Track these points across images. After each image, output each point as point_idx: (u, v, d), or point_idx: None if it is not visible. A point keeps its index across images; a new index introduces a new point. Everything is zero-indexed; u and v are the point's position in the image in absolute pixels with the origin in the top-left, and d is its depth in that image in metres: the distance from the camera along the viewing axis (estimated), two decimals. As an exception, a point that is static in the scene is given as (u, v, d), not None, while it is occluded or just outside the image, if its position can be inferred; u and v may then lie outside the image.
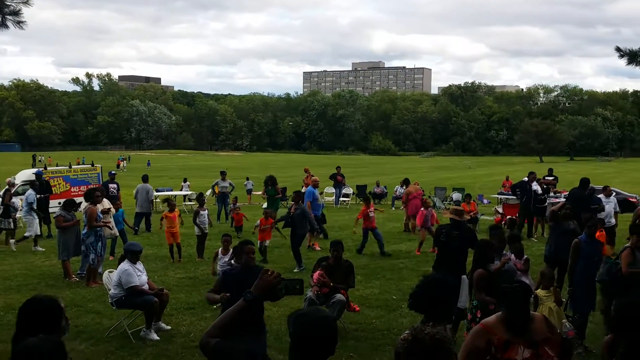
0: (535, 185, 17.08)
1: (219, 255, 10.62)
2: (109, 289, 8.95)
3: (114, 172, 21.84)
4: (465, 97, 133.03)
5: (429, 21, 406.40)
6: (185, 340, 8.38)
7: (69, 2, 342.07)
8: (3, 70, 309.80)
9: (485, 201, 28.21)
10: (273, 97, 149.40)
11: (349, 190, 28.19)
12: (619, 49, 10.10)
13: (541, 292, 7.77)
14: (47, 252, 15.17)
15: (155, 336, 8.46)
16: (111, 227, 13.15)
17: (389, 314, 9.73)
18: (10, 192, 17.10)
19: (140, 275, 8.76)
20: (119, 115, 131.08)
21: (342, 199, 27.29)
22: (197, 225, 14.54)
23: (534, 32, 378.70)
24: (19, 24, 8.80)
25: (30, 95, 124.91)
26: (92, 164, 28.57)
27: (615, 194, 16.84)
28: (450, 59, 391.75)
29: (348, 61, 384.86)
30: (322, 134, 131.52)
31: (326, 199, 27.19)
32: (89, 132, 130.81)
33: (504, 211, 19.67)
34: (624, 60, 10.00)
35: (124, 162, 63.90)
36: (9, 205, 16.30)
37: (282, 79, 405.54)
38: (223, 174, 22.18)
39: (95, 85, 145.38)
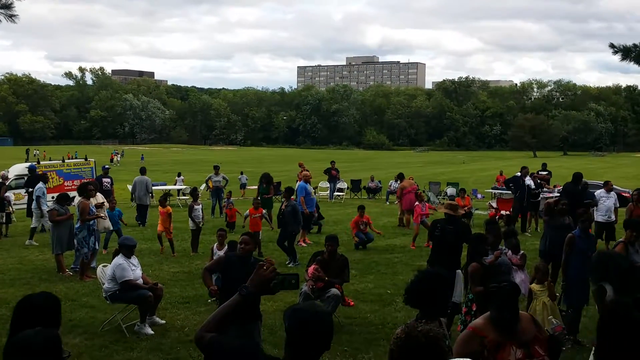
0: (529, 179, 17.12)
1: (214, 250, 10.62)
2: (103, 283, 8.94)
3: (107, 167, 21.79)
4: (459, 92, 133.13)
5: (423, 16, 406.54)
6: (180, 334, 8.38)
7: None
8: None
9: (479, 196, 28.30)
10: (267, 92, 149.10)
11: (343, 184, 28.21)
12: (613, 45, 10.14)
13: (535, 286, 7.80)
14: (40, 246, 15.12)
15: (150, 330, 8.46)
16: (104, 218, 13.08)
17: (384, 308, 9.76)
18: (5, 185, 17.02)
19: (134, 269, 8.75)
20: (112, 110, 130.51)
21: (336, 193, 27.31)
22: (191, 220, 14.53)
23: (527, 26, 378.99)
24: (11, 17, 8.73)
25: (23, 89, 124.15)
26: (85, 158, 28.45)
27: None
28: (444, 53, 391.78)
29: (342, 56, 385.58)
30: (316, 129, 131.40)
31: (320, 193, 27.22)
32: (82, 126, 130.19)
33: (498, 206, 19.73)
34: (617, 56, 10.04)
35: (118, 156, 63.71)
36: (3, 199, 16.23)
37: (276, 74, 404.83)
38: (216, 169, 22.15)
39: (88, 79, 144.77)
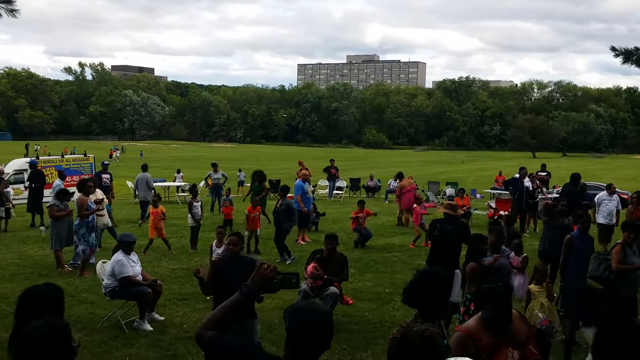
0: (527, 181, 17.17)
1: (213, 247, 10.63)
2: (103, 279, 8.96)
3: (106, 163, 21.78)
4: (460, 91, 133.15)
5: (423, 15, 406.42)
6: (179, 331, 8.40)
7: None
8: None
9: (478, 196, 28.33)
10: (267, 89, 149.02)
11: (342, 183, 28.22)
12: (614, 48, 10.17)
13: (534, 287, 7.83)
14: (40, 241, 15.13)
15: (149, 327, 8.48)
16: (102, 214, 13.07)
17: (382, 307, 9.79)
18: (4, 180, 17.03)
19: (134, 266, 8.78)
20: (112, 105, 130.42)
21: (335, 192, 27.33)
22: (191, 217, 14.54)
23: (528, 27, 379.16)
24: (12, 12, 8.75)
25: (22, 84, 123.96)
26: (84, 154, 28.45)
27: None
28: (445, 53, 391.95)
29: (342, 54, 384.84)
30: (315, 127, 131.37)
31: (320, 191, 27.24)
32: (81, 121, 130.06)
33: (497, 206, 19.77)
34: (619, 59, 10.07)
35: (117, 152, 63.65)
36: (2, 194, 16.24)
37: (276, 71, 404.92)
38: (215, 166, 22.13)
39: (88, 74, 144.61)
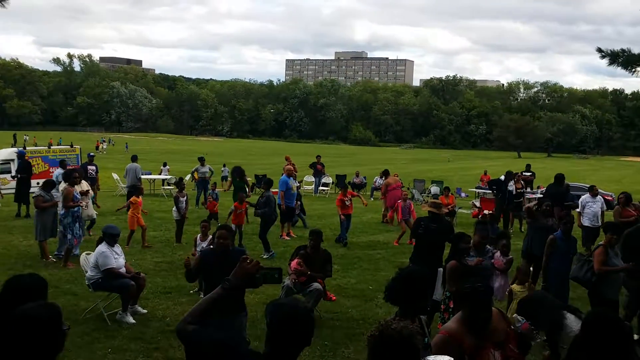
0: (511, 185, 17.34)
1: (197, 241, 10.61)
2: (86, 271, 8.93)
3: (92, 154, 21.69)
4: (447, 90, 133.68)
5: (412, 13, 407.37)
6: (161, 324, 8.39)
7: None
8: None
9: (463, 194, 28.51)
10: (255, 84, 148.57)
11: (328, 179, 28.25)
12: (600, 50, 10.22)
13: (516, 287, 7.90)
14: (24, 232, 15.02)
15: (131, 319, 8.46)
16: (85, 207, 12.99)
17: (365, 304, 9.83)
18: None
19: (117, 258, 8.75)
20: (99, 97, 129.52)
21: (321, 188, 27.35)
22: (176, 210, 14.51)
23: (515, 27, 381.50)
24: (1, 2, 8.65)
25: (10, 74, 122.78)
26: (71, 145, 28.25)
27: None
28: (432, 51, 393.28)
29: (331, 50, 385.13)
30: (302, 123, 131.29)
31: (305, 187, 27.25)
32: (69, 112, 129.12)
33: (481, 205, 19.89)
34: (605, 60, 10.12)
35: (104, 143, 63.23)
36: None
37: (264, 66, 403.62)
38: (202, 160, 22.08)
39: (76, 66, 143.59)
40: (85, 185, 13.57)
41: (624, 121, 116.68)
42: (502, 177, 17.88)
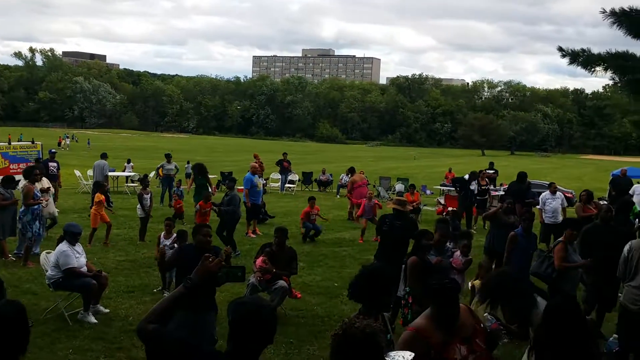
0: (474, 185, 17.62)
1: (161, 239, 10.51)
2: (46, 270, 8.75)
3: (54, 151, 21.28)
4: (412, 88, 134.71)
5: (379, 11, 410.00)
6: (124, 324, 8.28)
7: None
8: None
9: (428, 192, 28.79)
10: (221, 80, 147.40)
11: (294, 176, 28.24)
12: (561, 49, 10.38)
13: (478, 283, 8.01)
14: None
15: (93, 319, 8.33)
16: (45, 205, 12.72)
17: (330, 301, 9.86)
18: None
19: (78, 257, 8.59)
20: (62, 92, 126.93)
21: (287, 185, 27.32)
22: (141, 208, 14.33)
23: (480, 27, 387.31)
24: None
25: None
26: (32, 142, 27.63)
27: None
28: (399, 50, 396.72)
29: (298, 47, 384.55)
30: (269, 120, 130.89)
31: (272, 185, 27.18)
32: (30, 108, 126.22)
33: (446, 202, 20.13)
34: (565, 59, 10.29)
35: (67, 140, 61.97)
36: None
37: (230, 62, 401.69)
38: (168, 157, 21.84)
39: (39, 60, 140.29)
40: (46, 182, 13.30)
41: (584, 120, 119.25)
42: (466, 176, 18.14)
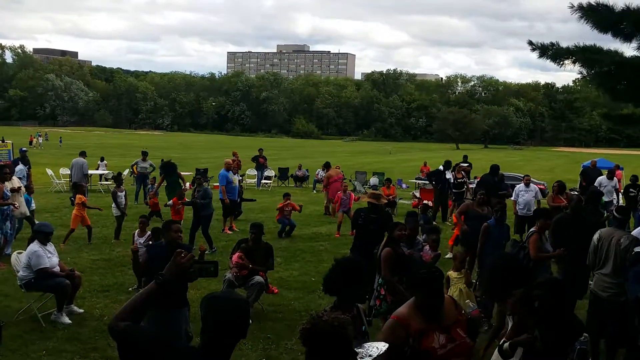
0: (449, 174, 17.76)
1: (135, 237, 10.42)
2: (18, 271, 8.62)
3: (25, 149, 20.95)
4: (387, 83, 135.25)
5: (353, 7, 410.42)
6: (99, 323, 8.19)
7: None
8: None
9: (404, 186, 28.94)
10: (196, 77, 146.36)
11: (270, 172, 28.19)
12: (531, 43, 10.52)
13: (453, 273, 8.10)
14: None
15: (67, 320, 8.23)
16: (16, 207, 12.52)
17: (307, 296, 9.89)
18: None
19: (50, 257, 8.47)
20: (33, 90, 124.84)
21: (263, 181, 27.27)
22: (115, 206, 14.18)
23: (452, 22, 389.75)
24: None
25: None
26: (2, 140, 27.16)
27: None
28: (373, 45, 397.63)
29: (273, 43, 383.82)
30: (245, 116, 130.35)
31: (248, 181, 27.10)
32: (0, 106, 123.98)
33: (421, 196, 20.27)
34: (535, 53, 10.43)
35: (40, 139, 60.95)
36: None
37: (204, 58, 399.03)
38: (144, 155, 21.63)
39: (8, 57, 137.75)
40: (16, 182, 13.06)
41: (556, 113, 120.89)
42: (441, 167, 18.27)
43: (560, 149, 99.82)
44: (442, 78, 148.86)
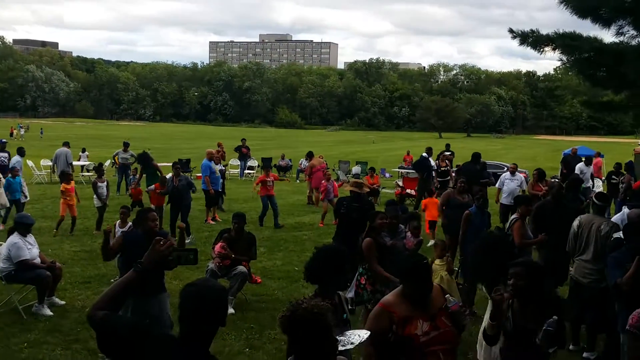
0: (433, 162, 17.85)
1: (116, 227, 10.35)
2: (-3, 263, 8.53)
3: (4, 141, 20.72)
4: (370, 73, 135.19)
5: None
6: (80, 315, 8.13)
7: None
8: None
9: (387, 175, 29.03)
10: (178, 67, 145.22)
11: (254, 162, 28.11)
12: (512, 31, 10.58)
13: (435, 261, 8.14)
14: None
15: (48, 311, 8.18)
16: None
17: (291, 285, 9.89)
18: None
19: (30, 248, 8.39)
20: (13, 81, 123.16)
21: (247, 171, 27.21)
22: (97, 197, 14.07)
23: (434, 11, 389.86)
24: None
25: None
26: (-21, 132, 26.77)
27: (507, 168, 17.71)
28: (356, 34, 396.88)
29: (255, 32, 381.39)
30: (228, 106, 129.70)
31: (231, 171, 27.01)
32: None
33: (404, 184, 20.32)
34: (516, 41, 10.49)
35: (21, 130, 60.13)
36: None
37: (187, 48, 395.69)
38: (126, 145, 21.47)
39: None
40: (-5, 173, 12.94)
41: (537, 102, 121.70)
42: (424, 154, 18.31)
43: (542, 137, 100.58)
44: (424, 67, 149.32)
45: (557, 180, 14.50)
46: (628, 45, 8.89)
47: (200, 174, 16.37)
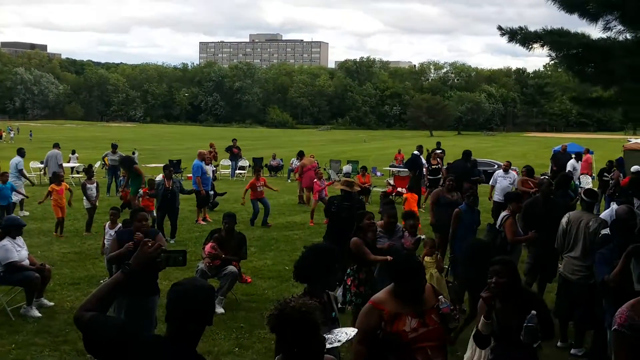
0: (424, 160, 17.91)
1: (106, 229, 10.29)
2: (-14, 266, 8.47)
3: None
4: (361, 71, 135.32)
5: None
6: (69, 316, 8.06)
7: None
8: None
9: (379, 174, 29.04)
10: (168, 67, 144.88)
11: (245, 162, 28.07)
12: (500, 28, 10.57)
13: (426, 258, 8.14)
14: None
15: (37, 313, 8.14)
16: None
17: (281, 285, 9.87)
18: None
19: (19, 250, 8.34)
20: (2, 84, 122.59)
21: (238, 171, 27.17)
22: (86, 199, 14.00)
23: (424, 9, 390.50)
24: None
25: None
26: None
27: (497, 166, 17.79)
28: (347, 33, 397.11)
29: (245, 32, 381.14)
30: (219, 106, 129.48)
31: (222, 171, 26.97)
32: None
33: (395, 183, 20.34)
34: (505, 38, 10.49)
35: (11, 133, 59.77)
36: None
37: (176, 49, 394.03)
38: (114, 147, 21.41)
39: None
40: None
41: (527, 99, 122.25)
42: (416, 152, 18.33)
43: (532, 134, 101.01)
44: (415, 65, 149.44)
45: (547, 177, 14.55)
46: (615, 40, 8.91)
47: (191, 175, 16.32)
